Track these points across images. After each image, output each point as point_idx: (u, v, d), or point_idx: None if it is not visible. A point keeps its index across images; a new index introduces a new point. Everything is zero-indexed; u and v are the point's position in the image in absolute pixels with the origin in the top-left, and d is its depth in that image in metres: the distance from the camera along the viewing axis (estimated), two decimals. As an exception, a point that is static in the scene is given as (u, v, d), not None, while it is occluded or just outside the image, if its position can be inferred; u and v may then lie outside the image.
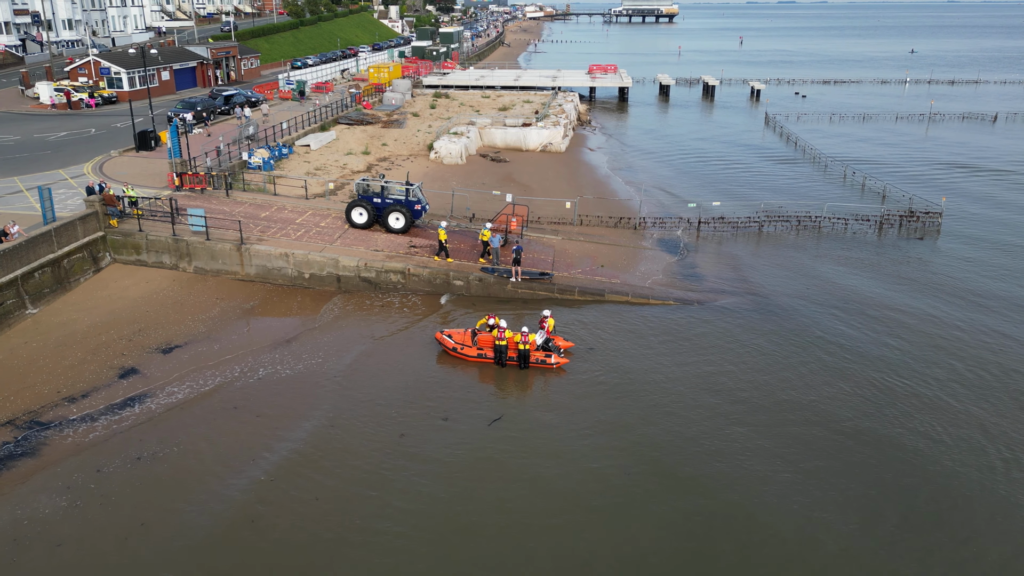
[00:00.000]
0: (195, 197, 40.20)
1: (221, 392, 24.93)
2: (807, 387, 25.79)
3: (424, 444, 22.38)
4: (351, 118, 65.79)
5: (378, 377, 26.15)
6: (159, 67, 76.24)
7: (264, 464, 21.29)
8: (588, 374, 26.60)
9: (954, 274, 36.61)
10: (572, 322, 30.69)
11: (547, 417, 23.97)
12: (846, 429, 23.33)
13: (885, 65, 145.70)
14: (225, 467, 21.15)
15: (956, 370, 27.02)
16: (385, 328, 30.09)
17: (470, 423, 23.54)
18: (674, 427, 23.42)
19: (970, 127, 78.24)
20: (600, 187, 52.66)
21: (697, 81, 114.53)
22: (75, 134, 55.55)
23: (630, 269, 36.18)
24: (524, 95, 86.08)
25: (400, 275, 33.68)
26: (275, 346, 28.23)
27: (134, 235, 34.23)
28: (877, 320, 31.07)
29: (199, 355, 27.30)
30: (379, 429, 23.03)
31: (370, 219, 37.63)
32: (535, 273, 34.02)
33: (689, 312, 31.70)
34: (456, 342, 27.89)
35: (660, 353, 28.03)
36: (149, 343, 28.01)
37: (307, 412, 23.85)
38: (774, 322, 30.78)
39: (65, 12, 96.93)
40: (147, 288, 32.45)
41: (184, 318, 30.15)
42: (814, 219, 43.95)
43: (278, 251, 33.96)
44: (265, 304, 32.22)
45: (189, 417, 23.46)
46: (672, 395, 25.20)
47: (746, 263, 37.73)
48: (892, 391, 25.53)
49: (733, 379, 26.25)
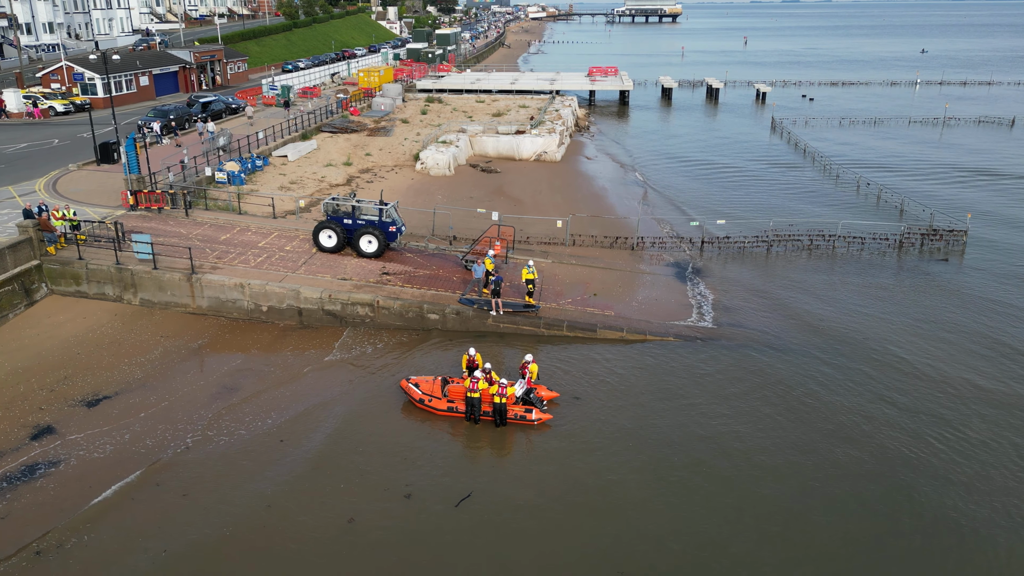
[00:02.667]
0: (150, 218, 36.78)
1: (144, 460, 21.40)
2: (831, 467, 22.19)
3: (376, 532, 18.78)
4: (335, 126, 62.32)
5: (332, 439, 22.62)
6: (137, 72, 72.87)
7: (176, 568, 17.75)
8: (575, 436, 22.94)
9: (982, 308, 32.97)
10: (559, 363, 27.16)
11: (525, 495, 20.28)
12: (881, 533, 19.76)
13: (895, 66, 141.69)
14: (131, 570, 17.64)
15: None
16: (346, 374, 26.56)
17: (434, 501, 19.94)
18: (673, 514, 19.84)
19: (987, 132, 74.42)
20: (597, 200, 49.12)
21: (700, 83, 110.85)
22: (36, 145, 52.17)
23: (626, 298, 32.63)
24: (521, 99, 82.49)
25: (368, 308, 30.19)
26: (217, 397, 24.72)
27: (73, 264, 30.79)
28: (902, 373, 27.47)
29: (128, 409, 23.81)
30: (324, 511, 19.45)
31: (340, 242, 34.17)
32: (519, 305, 30.51)
33: (691, 351, 28.12)
34: (424, 392, 24.37)
35: (657, 408, 24.42)
36: (74, 394, 24.54)
37: (241, 487, 20.32)
38: (786, 366, 27.16)
39: (45, 15, 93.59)
40: (83, 325, 29.00)
41: (120, 361, 26.67)
42: (827, 238, 40.32)
43: (232, 281, 30.48)
44: (216, 342, 28.74)
45: (102, 492, 19.95)
46: (670, 465, 21.62)
47: (754, 290, 34.12)
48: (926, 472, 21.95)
49: (742, 442, 22.65)
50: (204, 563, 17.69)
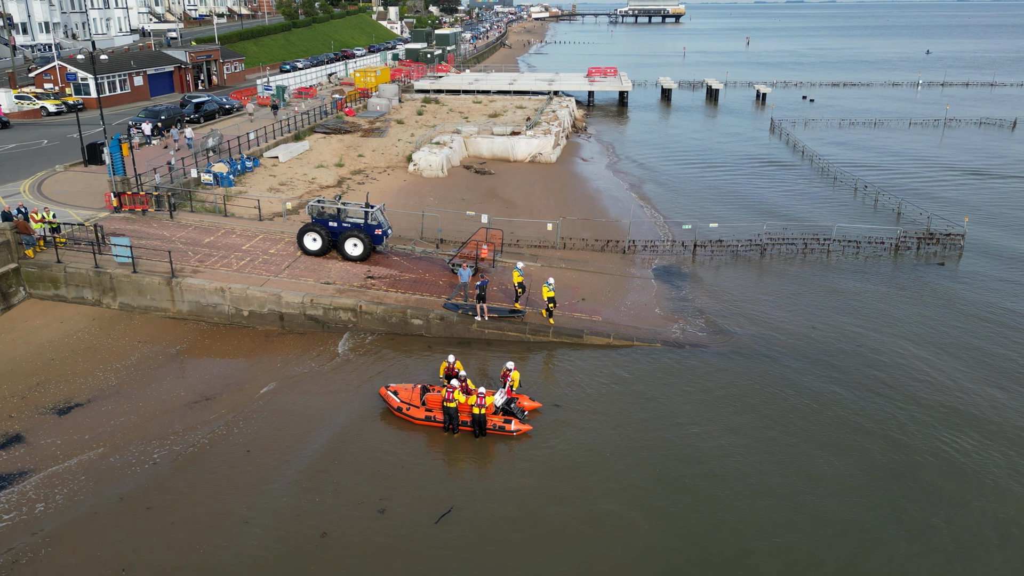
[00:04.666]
0: (134, 220, 36.27)
1: (110, 472, 20.84)
2: (819, 480, 21.58)
3: (350, 549, 18.18)
4: (328, 126, 61.80)
5: (307, 449, 22.04)
6: (131, 72, 72.43)
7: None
8: (556, 448, 22.35)
9: (976, 314, 32.31)
10: (543, 370, 26.59)
11: (506, 509, 19.63)
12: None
13: (899, 67, 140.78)
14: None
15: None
16: (325, 381, 26.00)
17: (412, 516, 19.30)
18: (656, 527, 19.24)
19: (988, 134, 73.63)
20: (590, 203, 48.52)
21: (700, 84, 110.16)
22: (24, 146, 51.70)
23: (614, 303, 32.04)
24: (518, 100, 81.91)
25: (351, 313, 29.63)
26: (192, 404, 24.18)
27: (51, 267, 30.29)
28: (903, 379, 26.85)
29: (100, 417, 23.27)
30: (297, 524, 18.88)
31: (325, 245, 33.62)
32: (505, 311, 29.92)
33: (679, 358, 27.50)
34: (402, 400, 23.80)
35: (641, 418, 23.81)
36: (45, 401, 24.02)
37: (208, 501, 19.70)
38: (776, 373, 26.52)
39: (42, 15, 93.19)
40: (60, 330, 28.49)
41: (95, 368, 26.14)
42: (822, 242, 39.66)
43: (213, 285, 29.94)
44: (195, 348, 28.21)
45: (65, 506, 19.42)
46: (653, 477, 21.03)
47: (746, 296, 33.50)
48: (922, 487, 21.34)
49: (728, 452, 22.04)
50: (166, 579, 17.15)
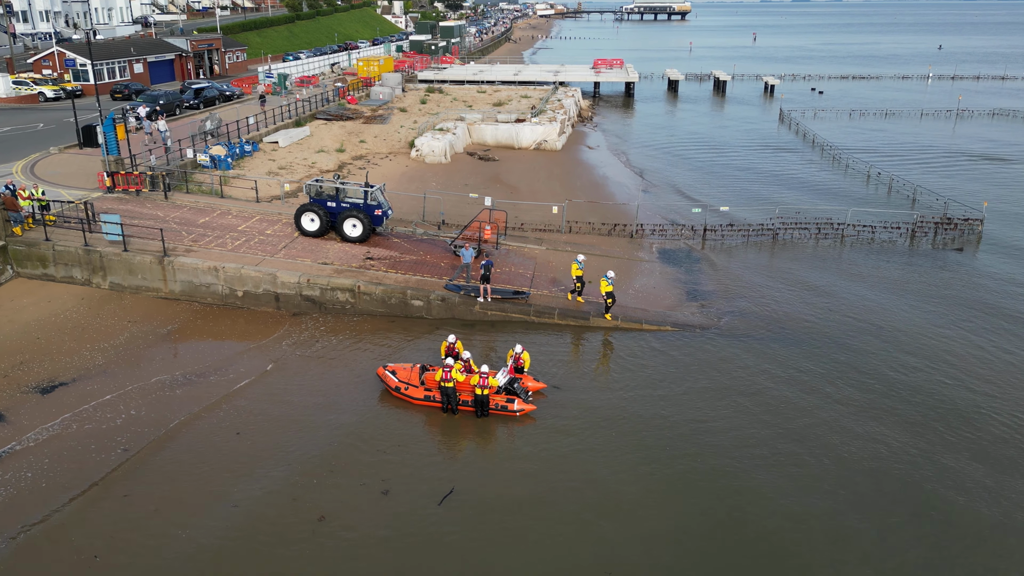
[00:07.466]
0: (127, 200, 35.27)
1: (92, 456, 19.79)
2: (827, 454, 20.45)
3: (350, 532, 17.08)
4: (330, 113, 60.75)
5: (304, 430, 20.98)
6: (131, 59, 71.48)
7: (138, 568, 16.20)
8: (560, 428, 21.28)
9: (998, 299, 31.13)
10: (548, 353, 25.49)
11: (512, 492, 18.55)
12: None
13: (911, 61, 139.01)
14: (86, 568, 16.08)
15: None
16: (322, 362, 24.94)
17: (415, 498, 18.20)
18: (663, 512, 18.15)
19: (1002, 124, 72.24)
20: (596, 189, 47.39)
21: (708, 76, 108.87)
22: (19, 129, 50.77)
23: (622, 286, 30.88)
24: (523, 91, 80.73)
25: (349, 293, 28.57)
26: (182, 385, 23.14)
27: (39, 245, 29.29)
28: (923, 360, 25.69)
29: (85, 395, 22.25)
30: (295, 509, 17.79)
31: (323, 226, 32.57)
32: (509, 292, 28.84)
33: (688, 341, 26.39)
34: (401, 380, 22.74)
35: (649, 400, 22.71)
36: (28, 380, 23.00)
37: (199, 485, 18.63)
38: (788, 358, 25.39)
39: (43, 3, 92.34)
40: (47, 309, 27.48)
41: (81, 347, 25.12)
42: (836, 226, 38.47)
43: (206, 265, 28.90)
44: (186, 329, 27.17)
45: (50, 489, 18.40)
46: (661, 460, 19.93)
47: (757, 279, 32.36)
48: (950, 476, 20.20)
49: (739, 436, 20.94)
50: (149, 571, 16.10)
